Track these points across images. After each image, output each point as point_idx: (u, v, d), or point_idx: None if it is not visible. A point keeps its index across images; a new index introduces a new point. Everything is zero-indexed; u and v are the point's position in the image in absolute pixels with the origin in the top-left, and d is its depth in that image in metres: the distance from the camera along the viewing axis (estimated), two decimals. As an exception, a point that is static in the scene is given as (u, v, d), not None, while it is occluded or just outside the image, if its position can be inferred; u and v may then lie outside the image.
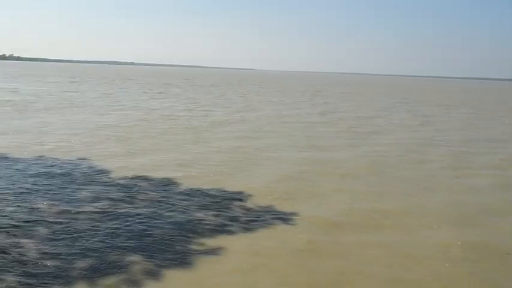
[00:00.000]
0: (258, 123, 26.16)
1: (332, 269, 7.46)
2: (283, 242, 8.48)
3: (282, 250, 8.09)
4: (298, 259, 7.77)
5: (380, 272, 7.39)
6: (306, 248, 8.25)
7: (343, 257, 7.94)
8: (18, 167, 13.10)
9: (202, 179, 12.66)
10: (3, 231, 8.22)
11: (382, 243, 8.61)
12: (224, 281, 6.89)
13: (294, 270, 7.32)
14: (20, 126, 21.35)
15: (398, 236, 9.11)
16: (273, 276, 7.06)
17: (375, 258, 7.89)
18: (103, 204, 10.04)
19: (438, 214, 10.53)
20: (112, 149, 16.62)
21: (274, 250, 8.06)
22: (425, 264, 7.78)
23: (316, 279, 7.07)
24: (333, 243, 8.54)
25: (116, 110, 30.60)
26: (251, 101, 44.07)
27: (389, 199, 11.69)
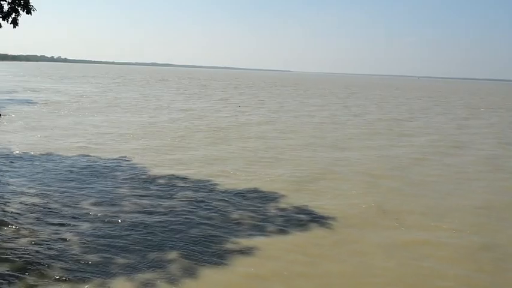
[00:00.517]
0: (292, 124, 26.05)
1: (384, 271, 7.30)
2: (320, 245, 8.39)
3: (318, 253, 8.01)
4: (336, 263, 7.67)
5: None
6: (344, 251, 8.13)
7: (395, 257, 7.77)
8: (63, 164, 13.70)
9: (238, 179, 12.75)
10: (49, 226, 8.60)
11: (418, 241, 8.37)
12: (260, 285, 6.90)
13: (333, 275, 7.23)
14: (64, 125, 22.30)
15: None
16: (311, 282, 6.98)
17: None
18: (142, 201, 10.31)
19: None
20: (152, 148, 17.03)
21: (310, 253, 7.99)
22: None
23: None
24: (371, 244, 8.36)
25: (155, 109, 31.37)
26: (284, 103, 43.96)
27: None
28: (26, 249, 7.46)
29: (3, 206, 9.61)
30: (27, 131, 20.09)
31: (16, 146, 16.31)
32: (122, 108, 31.83)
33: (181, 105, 36.05)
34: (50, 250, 7.50)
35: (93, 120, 24.44)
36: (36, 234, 8.14)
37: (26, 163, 13.68)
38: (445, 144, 21.03)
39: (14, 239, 7.92)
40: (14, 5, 14.11)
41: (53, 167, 13.25)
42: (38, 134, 19.49)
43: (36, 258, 7.13)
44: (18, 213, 9.22)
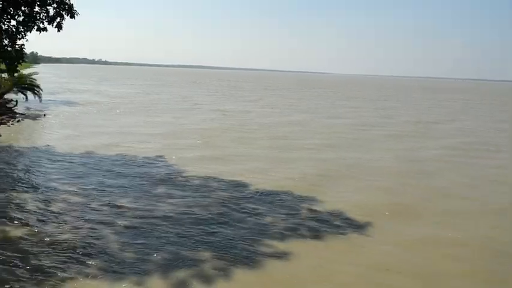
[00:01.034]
0: (323, 125, 25.78)
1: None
2: (355, 252, 8.26)
3: (352, 262, 7.88)
4: (370, 271, 7.53)
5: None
6: (376, 261, 7.96)
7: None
8: (101, 163, 14.15)
9: (271, 180, 12.75)
10: (88, 223, 8.90)
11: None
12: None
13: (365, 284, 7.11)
14: (103, 125, 23.02)
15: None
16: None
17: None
18: (176, 201, 10.50)
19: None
20: (186, 148, 17.32)
21: (344, 260, 7.88)
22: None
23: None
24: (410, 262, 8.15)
25: (189, 110, 31.86)
26: (317, 104, 43.56)
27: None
28: (67, 245, 7.75)
29: (47, 203, 10.02)
30: (68, 131, 20.88)
31: (58, 145, 16.98)
32: (158, 109, 32.53)
33: (215, 106, 36.43)
34: (90, 246, 7.76)
35: (130, 121, 25.09)
36: (76, 231, 8.44)
37: (67, 162, 14.22)
38: (474, 148, 20.27)
39: (56, 234, 8.24)
40: (59, 9, 14.71)
41: (92, 166, 13.70)
42: (77, 133, 20.23)
43: (76, 254, 7.40)
44: (60, 210, 9.60)
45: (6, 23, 15.17)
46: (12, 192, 10.83)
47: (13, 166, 13.58)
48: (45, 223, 8.81)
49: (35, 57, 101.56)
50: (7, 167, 13.41)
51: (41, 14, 14.87)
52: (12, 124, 21.82)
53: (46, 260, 7.13)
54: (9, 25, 15.24)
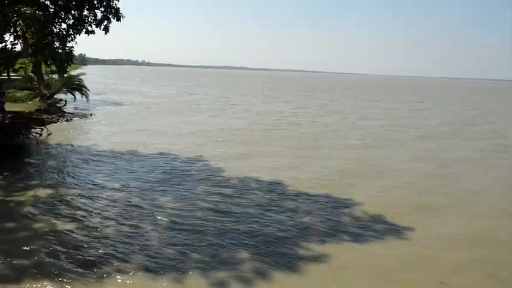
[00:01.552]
0: (374, 132, 25.26)
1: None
2: (394, 255, 8.03)
3: (392, 264, 7.67)
4: (412, 274, 7.29)
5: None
6: (417, 263, 7.70)
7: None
8: (144, 162, 14.53)
9: (310, 183, 12.62)
10: (130, 219, 9.15)
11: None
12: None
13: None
14: (145, 125, 23.64)
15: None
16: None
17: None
18: (216, 201, 10.59)
19: None
20: (226, 148, 17.46)
21: (384, 264, 7.68)
22: None
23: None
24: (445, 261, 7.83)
25: (228, 111, 32.16)
26: (355, 107, 42.75)
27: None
28: (109, 241, 7.99)
29: (91, 199, 10.40)
30: (112, 130, 21.60)
31: (103, 143, 17.60)
32: (196, 109, 33.06)
33: (251, 107, 36.60)
34: (130, 243, 7.96)
35: (170, 120, 25.64)
36: (119, 227, 8.69)
37: (111, 160, 14.71)
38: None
39: (99, 229, 8.53)
40: (107, 13, 15.26)
41: (135, 165, 14.10)
42: (121, 132, 20.89)
43: (117, 250, 7.60)
44: (103, 206, 9.93)
45: (58, 27, 15.92)
46: (60, 188, 11.32)
47: (62, 163, 14.21)
48: (90, 218, 9.13)
49: (83, 59, 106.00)
50: (56, 164, 14.05)
51: (89, 17, 15.51)
52: (62, 123, 22.85)
53: (90, 254, 7.38)
54: (60, 28, 15.99)
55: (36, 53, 17.06)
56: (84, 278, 6.58)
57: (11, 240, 7.85)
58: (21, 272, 6.65)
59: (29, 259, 7.09)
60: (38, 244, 7.68)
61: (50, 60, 16.78)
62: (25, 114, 21.21)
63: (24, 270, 6.71)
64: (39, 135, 16.34)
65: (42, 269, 6.79)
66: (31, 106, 26.92)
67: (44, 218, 8.99)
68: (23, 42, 17.44)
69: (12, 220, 8.83)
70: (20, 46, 17.34)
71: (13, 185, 11.33)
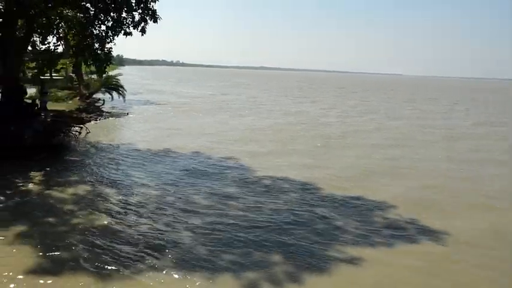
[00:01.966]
0: (399, 132, 24.66)
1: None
2: (429, 260, 7.80)
3: (426, 269, 7.45)
4: (447, 281, 7.06)
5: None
6: (450, 268, 7.44)
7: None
8: (178, 161, 14.79)
9: (342, 184, 12.46)
10: (164, 216, 9.32)
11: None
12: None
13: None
14: (180, 125, 24.02)
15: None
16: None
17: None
18: (248, 201, 10.62)
19: None
20: (258, 149, 17.50)
21: (418, 269, 7.47)
22: None
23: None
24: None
25: (261, 112, 32.19)
26: (390, 109, 41.79)
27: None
28: (144, 236, 8.17)
29: (127, 196, 10.66)
30: (147, 129, 22.09)
31: (138, 142, 18.02)
32: (230, 109, 33.27)
33: (284, 107, 36.46)
34: (164, 239, 8.11)
35: (204, 121, 25.93)
36: (153, 224, 8.87)
37: (146, 158, 15.04)
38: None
39: (135, 225, 8.74)
40: (144, 15, 15.63)
41: (168, 164, 14.36)
42: (156, 132, 21.31)
43: (151, 247, 7.74)
44: (139, 203, 10.16)
45: (97, 28, 16.43)
46: (97, 184, 11.67)
47: (99, 161, 14.64)
48: (125, 215, 9.37)
49: (121, 60, 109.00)
50: (94, 161, 14.49)
51: (127, 19, 15.92)
52: (100, 122, 23.57)
53: (125, 250, 7.56)
54: (99, 30, 16.51)
55: (77, 54, 17.68)
56: (118, 273, 6.75)
57: (52, 233, 8.17)
58: (61, 265, 6.90)
59: (68, 252, 7.35)
60: (77, 238, 7.95)
61: (89, 60, 17.37)
62: (66, 113, 22.01)
63: (63, 263, 6.96)
64: (78, 133, 16.90)
65: (80, 263, 7.02)
66: (71, 105, 27.91)
67: (82, 214, 9.30)
68: (64, 44, 18.12)
69: (53, 215, 9.18)
70: (62, 47, 18.01)
71: (54, 181, 11.78)
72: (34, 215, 9.06)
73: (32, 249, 7.41)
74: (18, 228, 8.31)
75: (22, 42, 15.82)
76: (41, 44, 17.06)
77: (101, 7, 15.56)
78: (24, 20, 15.45)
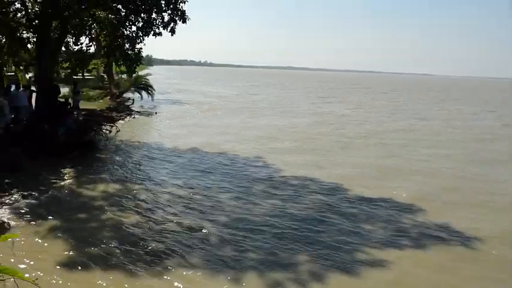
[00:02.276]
0: (428, 133, 24.07)
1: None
2: (458, 263, 7.61)
3: (455, 272, 7.26)
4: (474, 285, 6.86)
5: None
6: (480, 271, 7.21)
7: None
8: (205, 160, 14.92)
9: (370, 187, 12.26)
10: (191, 215, 9.43)
11: None
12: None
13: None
14: (207, 124, 24.23)
15: None
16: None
17: None
18: (274, 201, 10.62)
19: None
20: (285, 149, 17.48)
21: (446, 271, 7.29)
22: None
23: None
24: None
25: (288, 112, 32.11)
26: (422, 110, 40.84)
27: None
28: (171, 235, 8.28)
29: (155, 195, 10.85)
30: (175, 128, 22.41)
31: (166, 141, 18.29)
32: (256, 110, 33.29)
33: (311, 108, 36.24)
34: (191, 238, 8.20)
35: (231, 121, 26.06)
36: (180, 222, 8.98)
37: (173, 157, 15.26)
38: None
39: (162, 223, 8.87)
40: (173, 15, 15.86)
41: (196, 163, 14.51)
42: (184, 131, 21.58)
43: (178, 245, 7.83)
44: (166, 201, 10.32)
45: (128, 29, 16.79)
46: (127, 182, 11.93)
47: (128, 159, 14.96)
48: (153, 212, 9.53)
49: (150, 60, 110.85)
50: (123, 159, 14.81)
51: (157, 20, 16.19)
52: (129, 121, 24.07)
53: (153, 247, 7.68)
54: (130, 31, 16.85)
55: (108, 54, 18.10)
56: (146, 270, 6.86)
57: (83, 229, 8.40)
58: (91, 260, 7.08)
59: (98, 248, 7.54)
60: (107, 235, 8.15)
61: (120, 60, 17.76)
62: (97, 112, 22.62)
63: (94, 258, 7.14)
64: (108, 132, 17.30)
65: (110, 258, 7.19)
66: (102, 104, 28.66)
67: (112, 210, 9.52)
68: (96, 44, 18.58)
69: (84, 211, 9.45)
70: (94, 48, 18.48)
71: (85, 178, 12.11)
72: (66, 211, 9.34)
73: (64, 244, 7.64)
74: (51, 223, 8.60)
75: (56, 44, 16.32)
76: (74, 45, 17.56)
77: (131, 8, 15.88)
78: (58, 22, 15.93)
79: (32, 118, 15.55)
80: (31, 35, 16.91)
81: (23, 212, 9.05)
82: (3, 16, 15.10)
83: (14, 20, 16.02)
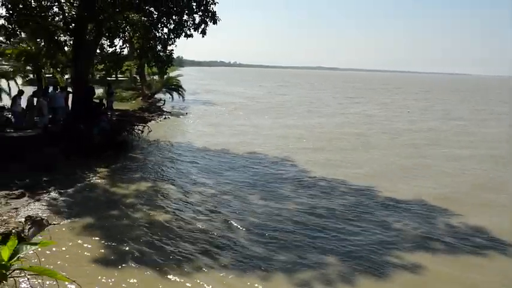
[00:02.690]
0: (456, 133, 23.32)
1: None
2: (492, 273, 7.36)
3: (489, 283, 7.02)
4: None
5: None
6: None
7: None
8: (235, 161, 15.03)
9: (401, 190, 12.01)
10: (220, 215, 9.52)
11: None
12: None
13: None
14: (236, 125, 24.37)
15: None
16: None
17: None
18: (303, 202, 10.59)
19: None
20: (314, 150, 17.38)
21: (481, 282, 7.05)
22: None
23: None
24: None
25: (317, 114, 31.88)
26: (453, 110, 39.62)
27: None
28: (202, 234, 8.39)
29: (186, 194, 11.02)
30: (205, 129, 22.65)
31: (197, 141, 18.52)
32: (284, 110, 33.19)
33: (339, 109, 35.84)
34: (221, 237, 8.28)
35: (259, 121, 26.10)
36: (210, 222, 9.08)
37: (203, 157, 15.44)
38: None
39: (193, 222, 8.99)
40: (204, 17, 16.05)
41: (225, 163, 14.63)
42: (214, 131, 21.79)
43: (208, 245, 7.93)
44: (197, 201, 10.45)
45: (160, 31, 17.11)
46: (158, 181, 12.17)
47: (160, 158, 15.24)
48: (183, 212, 9.67)
49: (180, 61, 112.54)
50: (155, 159, 15.11)
51: (188, 21, 16.43)
52: (160, 121, 24.52)
53: (184, 247, 7.81)
54: (162, 33, 17.17)
55: (140, 56, 18.52)
56: (177, 269, 6.98)
57: (116, 226, 8.63)
58: (123, 257, 7.27)
59: (130, 246, 7.72)
60: (138, 233, 8.34)
61: (152, 62, 18.13)
62: (129, 113, 23.15)
63: (126, 256, 7.33)
64: (141, 132, 17.69)
65: (141, 256, 7.36)
66: (134, 105, 29.33)
67: (143, 209, 9.74)
68: (129, 46, 19.03)
69: (117, 209, 9.70)
70: (127, 50, 18.93)
71: (118, 177, 12.43)
72: (99, 209, 9.63)
73: (97, 241, 7.88)
74: (85, 220, 8.87)
75: (91, 46, 16.81)
76: (109, 47, 18.05)
77: (163, 10, 16.18)
78: (93, 25, 16.40)
79: (69, 119, 16.08)
80: (68, 38, 17.50)
81: (59, 209, 9.39)
82: (42, 20, 15.69)
83: (52, 23, 16.61)
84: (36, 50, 21.86)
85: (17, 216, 8.42)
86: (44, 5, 15.91)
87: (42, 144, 13.00)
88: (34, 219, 8.34)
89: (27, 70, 24.65)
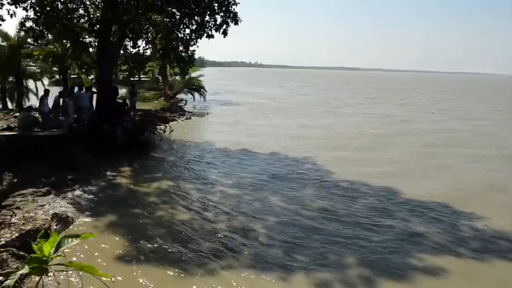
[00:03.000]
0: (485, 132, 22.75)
1: None
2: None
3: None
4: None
5: None
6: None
7: None
8: (256, 162, 15.07)
9: (424, 191, 11.81)
10: (241, 215, 9.56)
11: None
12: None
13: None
14: (257, 125, 24.40)
15: None
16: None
17: None
18: (324, 203, 10.53)
19: None
20: (335, 151, 17.26)
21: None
22: None
23: None
24: None
25: (338, 114, 31.64)
26: (472, 110, 38.64)
27: None
28: (221, 234, 8.44)
29: (206, 194, 11.11)
30: (227, 129, 22.78)
31: (218, 141, 18.63)
32: (305, 110, 33.06)
33: (361, 109, 35.44)
34: (241, 237, 8.32)
35: (281, 122, 26.06)
36: (231, 221, 9.14)
37: (225, 157, 15.54)
38: None
39: (213, 222, 9.07)
40: (225, 17, 16.14)
41: (246, 163, 14.68)
42: (235, 131, 21.90)
43: (228, 244, 7.97)
44: (217, 201, 10.52)
45: (182, 32, 17.29)
46: (180, 180, 12.30)
47: (181, 158, 15.41)
48: (204, 211, 9.76)
49: (202, 61, 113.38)
50: (176, 159, 15.28)
51: (209, 22, 16.54)
52: (182, 121, 24.78)
53: (204, 246, 7.88)
54: (184, 33, 17.35)
55: (163, 57, 18.75)
56: (198, 268, 7.05)
57: (138, 225, 8.78)
58: (146, 255, 7.40)
59: (152, 244, 7.85)
60: (160, 231, 8.46)
61: (174, 62, 18.33)
62: (152, 112, 23.47)
63: (148, 254, 7.45)
64: (163, 131, 17.91)
65: (163, 254, 7.47)
66: (157, 105, 29.71)
67: (165, 208, 9.87)
68: (152, 47, 19.27)
69: (139, 207, 9.86)
70: (150, 51, 19.18)
71: (141, 176, 12.64)
72: (122, 207, 9.81)
73: (121, 238, 8.03)
74: (109, 218, 9.06)
75: (115, 47, 17.12)
76: (132, 48, 18.33)
77: (186, 12, 16.34)
78: (117, 26, 16.70)
79: (93, 118, 16.41)
80: (93, 40, 17.86)
81: (83, 207, 9.62)
82: (69, 22, 16.08)
83: (78, 25, 17.00)
84: (62, 52, 22.44)
85: (43, 213, 8.65)
86: (70, 8, 16.30)
87: (67, 143, 13.31)
88: (60, 216, 8.57)
89: (54, 71, 25.34)
